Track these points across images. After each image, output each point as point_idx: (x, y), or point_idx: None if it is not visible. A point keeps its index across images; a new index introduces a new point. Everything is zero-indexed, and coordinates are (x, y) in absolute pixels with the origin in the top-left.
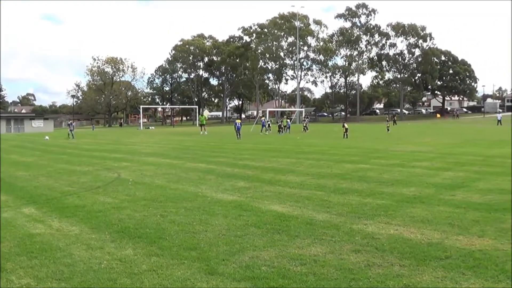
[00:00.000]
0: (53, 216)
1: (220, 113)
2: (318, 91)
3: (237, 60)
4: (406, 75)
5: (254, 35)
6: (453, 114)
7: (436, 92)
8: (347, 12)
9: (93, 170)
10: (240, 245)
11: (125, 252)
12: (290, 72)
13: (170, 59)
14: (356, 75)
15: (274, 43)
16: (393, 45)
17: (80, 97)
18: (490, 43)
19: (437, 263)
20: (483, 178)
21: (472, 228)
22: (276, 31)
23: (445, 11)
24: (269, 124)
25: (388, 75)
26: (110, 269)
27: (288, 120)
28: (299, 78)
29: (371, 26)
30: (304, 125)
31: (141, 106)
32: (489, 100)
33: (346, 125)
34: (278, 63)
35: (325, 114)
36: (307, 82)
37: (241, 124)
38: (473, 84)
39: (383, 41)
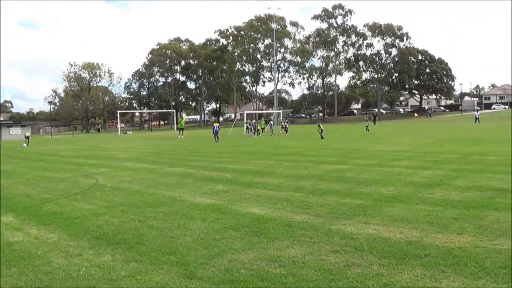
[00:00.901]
0: (32, 224)
1: (197, 117)
2: (296, 93)
3: (214, 63)
4: (383, 75)
5: (231, 37)
6: (426, 113)
7: (413, 91)
8: (323, 13)
9: (71, 177)
10: (218, 248)
11: (104, 259)
12: (267, 74)
13: (147, 63)
14: (333, 76)
15: (251, 45)
16: (370, 45)
17: (58, 103)
18: (467, 41)
19: (416, 262)
20: (461, 176)
21: (451, 225)
22: (252, 33)
23: (421, 10)
24: (249, 126)
25: (365, 75)
26: (89, 275)
27: (271, 122)
28: (276, 80)
29: (348, 27)
30: (284, 126)
31: (118, 111)
32: (466, 98)
33: (321, 126)
34: (255, 65)
35: (303, 115)
36: (284, 83)
37: (219, 128)
38: (450, 82)
39: (360, 42)
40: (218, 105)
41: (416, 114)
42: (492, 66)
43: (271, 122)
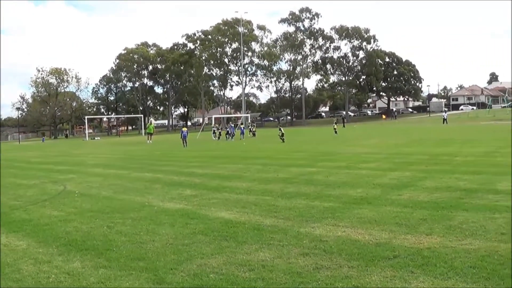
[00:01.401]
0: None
1: (165, 121)
2: (264, 96)
3: (182, 68)
4: (350, 78)
5: (198, 42)
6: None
7: (381, 93)
8: (290, 16)
9: (39, 183)
10: (188, 253)
11: (73, 265)
12: (235, 78)
13: (114, 68)
14: (301, 79)
15: (218, 49)
16: (337, 48)
17: (25, 109)
18: (434, 43)
19: (385, 263)
20: (429, 176)
21: (420, 226)
22: (220, 37)
23: (389, 13)
24: (217, 131)
25: (333, 78)
26: (59, 282)
27: (242, 126)
28: (244, 84)
29: (315, 30)
30: (251, 129)
31: (86, 117)
32: (434, 99)
33: (282, 130)
34: (222, 69)
35: (271, 119)
36: (252, 87)
37: (188, 132)
38: (418, 84)
39: (327, 45)
40: (186, 110)
41: (384, 116)
42: (459, 67)
43: (242, 126)
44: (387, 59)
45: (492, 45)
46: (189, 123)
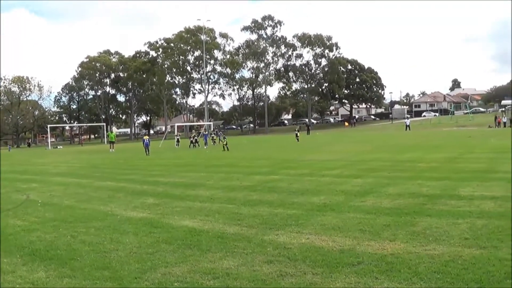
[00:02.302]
0: None
1: (128, 130)
2: (226, 104)
3: (144, 76)
4: (313, 85)
5: (161, 50)
6: (351, 122)
7: (343, 100)
8: (253, 24)
9: (4, 192)
10: (151, 262)
11: (37, 275)
12: (197, 86)
13: (77, 76)
14: (264, 86)
15: (181, 57)
16: (299, 56)
17: None
18: (396, 50)
19: (349, 269)
20: (392, 183)
21: (383, 232)
22: (182, 45)
23: (351, 20)
24: (178, 139)
25: (295, 86)
26: None
27: (206, 134)
28: (206, 92)
29: (277, 38)
30: (213, 138)
31: (48, 126)
32: (396, 106)
33: (226, 138)
34: (185, 77)
35: (234, 126)
36: (214, 95)
37: (150, 140)
38: (380, 91)
39: (290, 52)
40: (148, 118)
41: (346, 124)
42: (422, 74)
43: (206, 133)
44: (349, 67)
45: (455, 52)
46: (151, 131)
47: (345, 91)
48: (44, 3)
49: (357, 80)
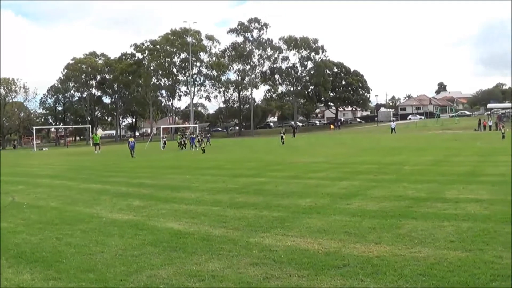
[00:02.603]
0: None
1: (113, 132)
2: (212, 106)
3: (130, 78)
4: (299, 88)
5: (147, 52)
6: (335, 125)
7: (329, 103)
8: (239, 26)
9: None
10: (137, 264)
11: (23, 277)
12: (183, 88)
13: (62, 78)
14: (249, 89)
15: (167, 59)
16: (285, 59)
17: None
18: (382, 53)
19: (335, 272)
20: (378, 185)
21: (369, 235)
22: (168, 47)
23: (337, 23)
24: (165, 141)
25: (281, 88)
26: None
27: (193, 137)
28: (192, 94)
29: (264, 40)
30: (199, 140)
31: (34, 127)
32: (382, 109)
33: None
34: (171, 79)
35: (220, 129)
36: (200, 97)
37: (135, 142)
38: (366, 94)
39: (276, 55)
40: (134, 120)
41: (332, 126)
42: (408, 77)
43: (193, 136)
44: (335, 69)
45: (441, 55)
46: (137, 134)
47: (331, 94)
48: (30, 3)
49: (343, 83)
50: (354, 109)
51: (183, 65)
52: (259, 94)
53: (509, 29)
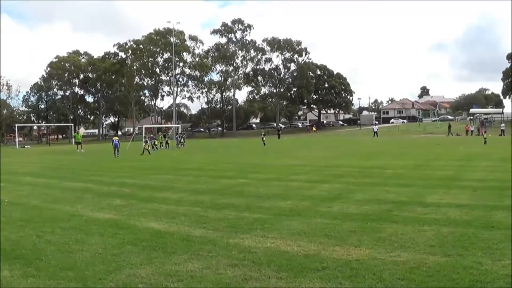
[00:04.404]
0: None
1: (96, 131)
2: (195, 107)
3: (113, 77)
4: (282, 90)
5: (130, 51)
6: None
7: (312, 105)
8: (223, 27)
9: None
10: (116, 263)
11: (2, 274)
12: (166, 88)
13: (45, 76)
14: (232, 90)
15: (150, 59)
16: (268, 60)
17: None
18: (365, 56)
19: (314, 274)
20: (360, 189)
21: (349, 238)
22: (151, 47)
23: (321, 25)
24: (153, 141)
25: (264, 90)
26: None
27: (177, 136)
28: (175, 94)
29: (247, 42)
30: (180, 140)
31: (16, 125)
32: (365, 112)
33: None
34: (154, 79)
35: (202, 129)
36: (183, 98)
37: (119, 141)
38: (348, 97)
39: (259, 56)
40: (116, 119)
41: (314, 129)
42: (391, 81)
43: (177, 136)
44: (318, 72)
45: (424, 59)
46: (119, 133)
47: (314, 96)
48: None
49: (326, 85)
50: (336, 111)
51: (166, 65)
52: (242, 95)
53: (494, 33)
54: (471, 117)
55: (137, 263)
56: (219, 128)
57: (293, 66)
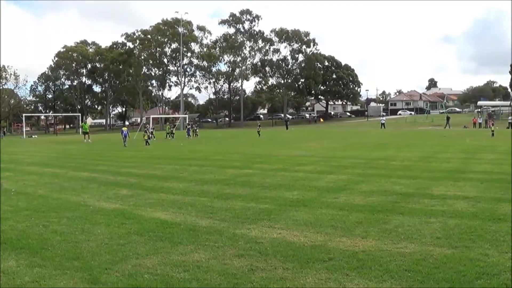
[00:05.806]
0: None
1: (103, 120)
2: (202, 97)
3: (121, 67)
4: (289, 81)
5: (138, 41)
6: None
7: (319, 96)
8: (231, 18)
9: None
10: (123, 253)
11: (8, 264)
12: (173, 79)
13: (53, 66)
14: (240, 80)
15: (158, 49)
16: (276, 51)
17: None
18: (373, 48)
19: (320, 265)
20: (366, 180)
21: (355, 229)
22: (159, 37)
23: (330, 17)
24: (152, 132)
25: (272, 81)
26: None
27: (188, 127)
28: (182, 84)
29: (255, 32)
30: (194, 130)
31: (23, 115)
32: (372, 104)
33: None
34: (161, 69)
35: (209, 120)
36: (190, 88)
37: (128, 132)
38: (356, 88)
39: (267, 47)
40: (124, 109)
41: (322, 120)
42: (399, 73)
43: (188, 126)
44: (326, 63)
45: (432, 51)
46: (126, 123)
47: (322, 87)
48: None
49: (334, 76)
50: (344, 103)
51: (174, 55)
52: (249, 85)
53: (501, 26)
54: (479, 110)
55: (143, 253)
56: (227, 119)
57: (301, 57)
